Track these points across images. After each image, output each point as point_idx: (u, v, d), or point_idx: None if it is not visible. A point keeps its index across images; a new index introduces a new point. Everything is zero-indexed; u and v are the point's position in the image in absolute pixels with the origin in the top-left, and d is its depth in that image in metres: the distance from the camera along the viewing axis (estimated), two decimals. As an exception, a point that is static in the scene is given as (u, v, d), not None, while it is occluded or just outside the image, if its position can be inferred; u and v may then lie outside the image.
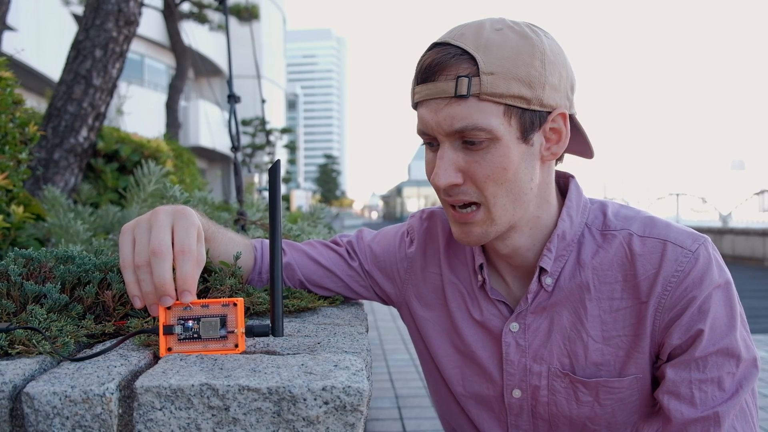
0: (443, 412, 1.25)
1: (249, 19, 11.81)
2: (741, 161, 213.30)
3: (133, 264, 0.84)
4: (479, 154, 0.95)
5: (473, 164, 0.96)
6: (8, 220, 1.61)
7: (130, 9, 2.84)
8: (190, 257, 0.84)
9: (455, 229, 1.04)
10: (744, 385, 0.96)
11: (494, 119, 0.93)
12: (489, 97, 0.92)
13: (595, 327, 1.03)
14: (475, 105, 0.93)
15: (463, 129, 0.94)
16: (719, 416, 0.94)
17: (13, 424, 0.65)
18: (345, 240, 1.28)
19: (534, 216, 1.04)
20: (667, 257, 0.99)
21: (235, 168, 2.01)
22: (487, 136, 0.94)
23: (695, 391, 0.96)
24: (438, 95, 0.94)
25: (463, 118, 0.93)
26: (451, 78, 0.93)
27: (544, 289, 1.06)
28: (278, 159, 0.85)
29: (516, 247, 1.05)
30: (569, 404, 1.06)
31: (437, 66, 0.94)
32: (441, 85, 0.94)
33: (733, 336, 0.97)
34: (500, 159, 0.95)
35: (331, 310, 1.15)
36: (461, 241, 1.04)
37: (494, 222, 0.99)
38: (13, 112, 1.68)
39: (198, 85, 25.80)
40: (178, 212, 0.88)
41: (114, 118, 9.14)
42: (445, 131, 0.95)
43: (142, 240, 0.85)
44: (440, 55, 0.95)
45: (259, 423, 0.66)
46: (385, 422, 3.62)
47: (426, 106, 0.97)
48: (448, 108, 0.94)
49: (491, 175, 0.96)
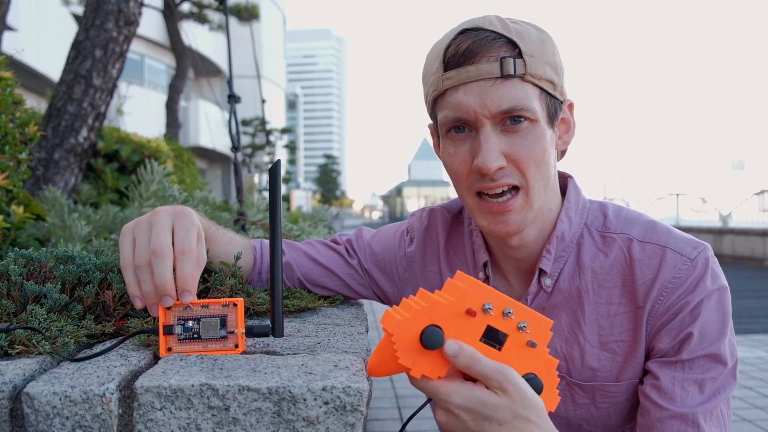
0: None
1: (249, 19, 11.82)
2: (741, 161, 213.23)
3: (134, 264, 0.84)
4: (520, 136, 0.96)
5: (515, 146, 0.96)
6: (8, 220, 1.61)
7: (130, 9, 2.84)
8: (190, 257, 0.84)
9: (487, 221, 1.01)
10: (721, 391, 0.97)
11: (535, 101, 0.95)
12: (531, 78, 0.94)
13: (592, 331, 1.03)
14: (520, 86, 0.94)
15: (512, 109, 0.94)
16: (697, 418, 0.94)
17: (13, 424, 0.65)
18: (344, 239, 1.28)
19: (547, 208, 1.04)
20: (666, 263, 0.99)
21: (235, 168, 2.01)
22: (530, 116, 0.95)
23: (677, 388, 0.96)
24: (481, 77, 0.94)
25: (511, 98, 0.94)
26: (493, 59, 0.93)
27: (543, 290, 1.05)
28: (278, 159, 0.85)
29: (527, 241, 1.05)
30: (565, 405, 1.06)
31: (477, 49, 0.94)
32: (484, 67, 0.94)
33: (722, 342, 0.97)
34: (540, 140, 0.97)
35: (331, 310, 1.15)
36: (498, 232, 1.01)
37: (531, 207, 1.00)
38: (13, 112, 1.68)
39: (198, 85, 25.80)
40: (178, 213, 0.88)
41: (114, 118, 9.14)
42: (492, 113, 0.95)
43: (143, 240, 0.85)
44: (477, 38, 0.95)
45: (259, 423, 0.65)
46: (385, 422, 3.61)
47: (465, 90, 0.95)
48: (495, 89, 0.94)
49: (534, 156, 0.96)
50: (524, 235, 1.04)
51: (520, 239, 1.05)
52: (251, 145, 25.72)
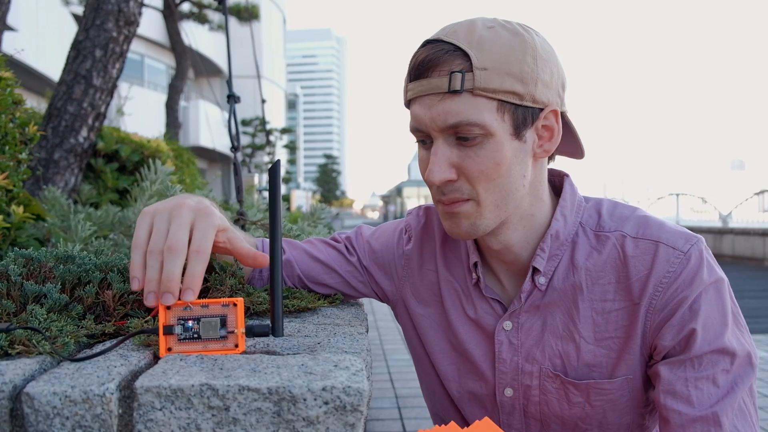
0: (440, 411, 1.26)
1: (249, 19, 11.82)
2: (741, 161, 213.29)
3: (145, 249, 0.84)
4: (473, 150, 0.96)
5: (466, 160, 0.96)
6: (8, 220, 1.61)
7: (130, 9, 2.84)
8: (203, 259, 0.84)
9: (446, 223, 1.04)
10: (739, 383, 0.95)
11: (488, 115, 0.94)
12: (482, 92, 0.93)
13: (587, 328, 1.03)
14: (469, 100, 0.93)
15: (457, 124, 0.94)
16: (718, 416, 0.93)
17: (13, 424, 0.65)
18: (344, 236, 1.28)
19: (528, 213, 1.04)
20: (659, 258, 0.99)
21: (235, 168, 2.01)
22: (481, 131, 0.94)
23: (691, 389, 0.95)
24: (431, 91, 0.95)
25: (456, 114, 0.93)
26: (444, 74, 0.93)
27: (537, 288, 1.06)
28: (278, 159, 0.85)
29: (508, 244, 1.05)
30: (560, 405, 1.06)
31: (430, 62, 0.95)
32: (434, 81, 0.94)
33: (726, 334, 0.96)
34: (493, 154, 0.96)
35: (331, 310, 1.15)
36: (452, 234, 1.04)
37: (482, 216, 1.00)
38: (13, 112, 1.68)
39: (198, 85, 25.80)
40: (201, 211, 0.88)
41: (114, 118, 9.14)
42: (439, 127, 0.95)
43: (160, 229, 0.85)
44: (433, 51, 0.95)
45: (259, 423, 0.66)
46: (385, 422, 3.62)
47: (419, 103, 0.97)
48: (442, 104, 0.94)
49: (485, 170, 0.96)
50: (504, 238, 1.05)
51: (499, 242, 1.05)
52: (251, 145, 25.73)
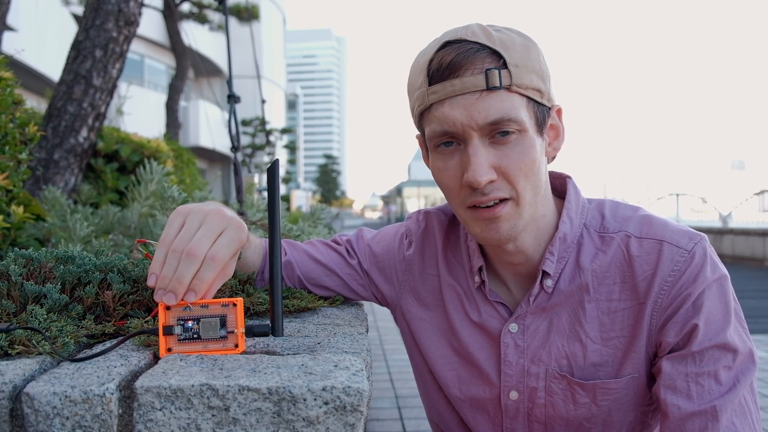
0: (435, 417, 1.25)
1: (249, 19, 11.82)
2: (741, 161, 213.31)
3: (170, 246, 0.84)
4: (509, 147, 0.96)
5: (504, 158, 0.96)
6: (8, 220, 1.61)
7: (130, 9, 2.84)
8: (216, 266, 0.84)
9: (479, 228, 1.01)
10: (741, 379, 0.96)
11: (522, 111, 0.95)
12: (517, 89, 0.94)
13: (594, 328, 1.04)
14: (506, 97, 0.94)
15: (498, 120, 0.94)
16: (716, 410, 0.93)
17: (13, 424, 0.65)
18: (344, 239, 1.28)
19: (540, 215, 1.04)
20: (663, 257, 1.00)
21: (235, 168, 2.01)
22: (518, 127, 0.95)
23: (692, 385, 0.96)
24: (466, 90, 0.93)
25: (497, 111, 0.93)
26: (478, 71, 0.93)
27: (544, 291, 1.06)
28: (277, 158, 0.85)
29: (522, 246, 1.05)
30: (566, 405, 1.06)
31: (462, 62, 0.94)
32: (469, 80, 0.93)
33: (728, 330, 0.97)
34: (528, 150, 0.96)
35: (331, 310, 1.15)
36: (485, 239, 1.02)
37: (521, 216, 0.99)
38: (13, 112, 1.68)
39: (198, 85, 25.79)
40: (233, 224, 0.88)
41: (114, 119, 9.14)
42: (479, 125, 0.94)
43: (189, 230, 0.85)
44: (461, 51, 0.94)
45: (259, 423, 0.66)
46: (385, 422, 3.62)
47: (451, 104, 0.95)
48: (480, 102, 0.93)
49: (523, 167, 0.96)
50: (519, 242, 1.04)
51: (515, 245, 1.05)
52: (251, 145, 25.72)
